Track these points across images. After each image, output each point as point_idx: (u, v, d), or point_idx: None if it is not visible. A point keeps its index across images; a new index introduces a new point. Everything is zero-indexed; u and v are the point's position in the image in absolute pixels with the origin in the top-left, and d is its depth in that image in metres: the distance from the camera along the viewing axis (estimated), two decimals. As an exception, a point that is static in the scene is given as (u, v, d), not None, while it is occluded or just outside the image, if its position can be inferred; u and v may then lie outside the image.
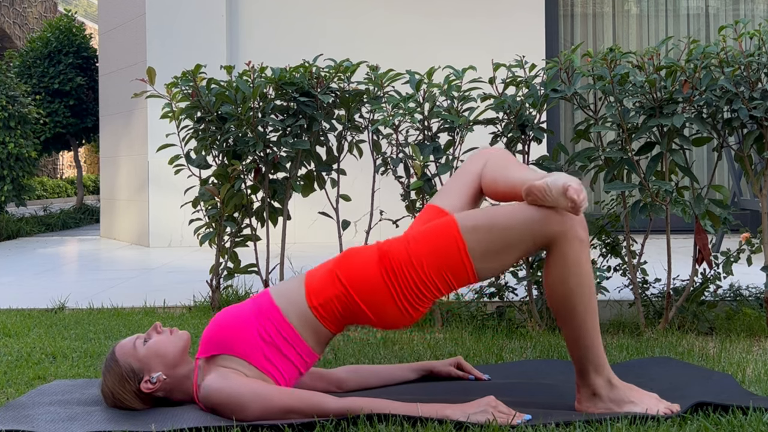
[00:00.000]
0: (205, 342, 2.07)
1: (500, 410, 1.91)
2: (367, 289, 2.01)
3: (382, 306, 2.02)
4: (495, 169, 2.18)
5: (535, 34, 6.64)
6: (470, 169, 2.23)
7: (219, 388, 1.98)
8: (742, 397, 2.07)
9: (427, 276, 2.00)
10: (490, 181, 2.18)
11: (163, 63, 6.13)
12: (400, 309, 2.02)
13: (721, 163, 6.54)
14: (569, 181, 1.91)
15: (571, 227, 1.97)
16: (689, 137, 3.10)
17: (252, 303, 2.10)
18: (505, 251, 1.99)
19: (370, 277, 2.02)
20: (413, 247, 2.01)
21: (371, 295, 2.01)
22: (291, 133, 3.46)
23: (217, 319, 2.09)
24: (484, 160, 2.23)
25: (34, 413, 2.06)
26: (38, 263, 5.69)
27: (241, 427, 1.93)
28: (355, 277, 2.03)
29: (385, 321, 2.04)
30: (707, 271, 3.29)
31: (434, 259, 1.99)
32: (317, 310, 2.04)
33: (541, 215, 1.96)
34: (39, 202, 14.56)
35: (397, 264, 2.01)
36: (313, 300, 2.05)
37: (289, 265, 4.20)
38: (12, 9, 17.26)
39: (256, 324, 2.04)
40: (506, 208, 2.01)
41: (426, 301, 2.03)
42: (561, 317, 2.04)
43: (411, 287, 2.00)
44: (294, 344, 2.05)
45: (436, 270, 1.99)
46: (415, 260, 2.00)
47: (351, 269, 2.04)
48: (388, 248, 2.04)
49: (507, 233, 1.97)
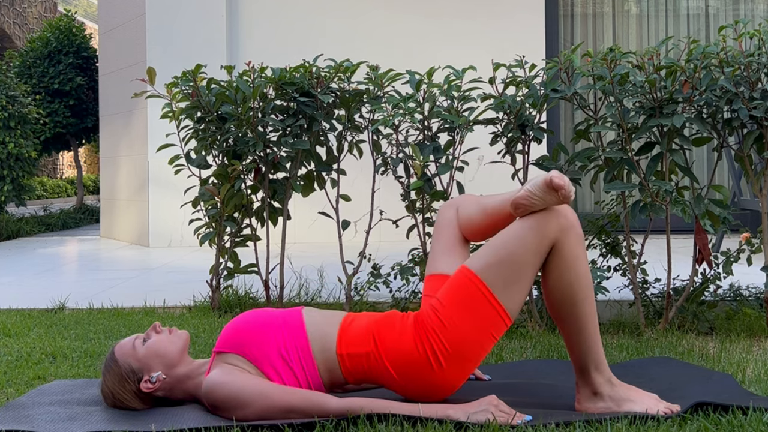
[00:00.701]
0: (224, 337, 2.07)
1: (501, 409, 1.92)
2: (400, 356, 2.00)
3: (414, 374, 2.00)
4: (467, 209, 2.19)
5: (535, 34, 6.64)
6: (446, 223, 2.22)
7: (221, 383, 1.98)
8: (742, 397, 2.07)
9: (464, 334, 1.97)
10: (470, 223, 2.18)
11: (163, 63, 6.13)
12: (437, 374, 1.99)
13: (721, 163, 6.54)
14: (548, 174, 1.94)
15: (568, 221, 1.99)
16: (689, 137, 3.10)
17: (281, 317, 2.09)
18: (521, 274, 1.98)
19: (404, 346, 2.00)
20: (440, 310, 2.00)
21: (402, 363, 2.00)
22: (291, 133, 3.46)
23: (244, 320, 2.09)
24: (454, 209, 2.23)
25: (34, 413, 2.06)
26: (38, 263, 5.69)
27: (241, 427, 1.93)
28: (389, 342, 2.02)
29: (413, 388, 2.02)
30: (707, 271, 3.29)
31: (464, 313, 1.97)
32: (343, 358, 2.04)
33: (536, 222, 1.98)
34: (39, 202, 14.56)
35: (431, 331, 1.99)
36: (343, 348, 2.04)
37: (289, 265, 4.20)
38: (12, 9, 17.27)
39: (280, 339, 2.04)
40: (504, 233, 2.02)
41: (468, 363, 2.00)
42: (560, 315, 2.04)
43: (447, 350, 1.97)
44: (308, 370, 2.04)
45: (469, 325, 1.97)
46: (446, 322, 1.98)
47: (388, 334, 2.03)
48: (422, 316, 2.02)
49: (515, 254, 1.97)
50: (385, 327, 2.04)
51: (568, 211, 2.00)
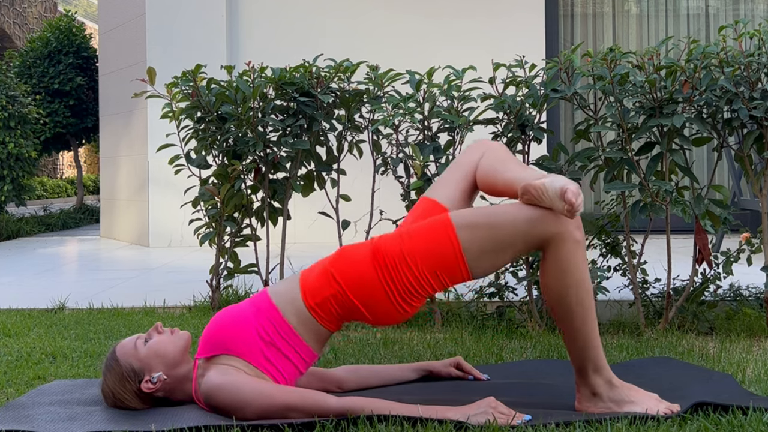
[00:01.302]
0: (205, 342, 2.07)
1: (500, 411, 1.91)
2: (362, 286, 2.01)
3: (376, 303, 2.02)
4: (491, 163, 2.16)
5: (535, 34, 6.64)
6: (466, 160, 2.20)
7: (220, 384, 1.98)
8: (742, 397, 2.07)
9: (420, 273, 1.99)
10: (486, 174, 2.15)
11: (163, 63, 6.13)
12: (394, 305, 2.02)
13: (721, 163, 6.54)
14: (567, 184, 1.90)
15: (566, 229, 1.96)
16: (689, 137, 3.10)
17: (251, 303, 2.10)
18: (499, 251, 1.98)
19: (364, 275, 2.01)
20: (407, 244, 2.01)
21: (366, 293, 2.01)
22: (291, 133, 3.46)
23: (216, 319, 2.09)
24: (481, 152, 2.20)
25: (34, 413, 2.06)
26: (38, 263, 5.69)
27: (241, 427, 1.93)
28: (349, 275, 2.02)
29: (378, 317, 2.04)
30: (707, 271, 3.29)
31: (428, 257, 1.99)
32: (314, 309, 2.04)
33: (536, 215, 1.96)
34: (39, 202, 14.56)
35: (390, 261, 2.00)
36: (310, 300, 2.05)
37: (289, 265, 4.20)
38: (12, 9, 17.26)
39: (255, 324, 2.04)
40: (501, 208, 2.00)
41: (419, 297, 2.03)
42: (559, 317, 2.04)
43: (404, 284, 2.00)
44: (293, 344, 2.05)
45: (429, 268, 1.99)
46: (408, 257, 2.00)
47: (345, 267, 2.04)
48: (382, 245, 2.03)
49: (502, 233, 1.97)
50: (342, 261, 2.05)
51: (568, 221, 1.97)
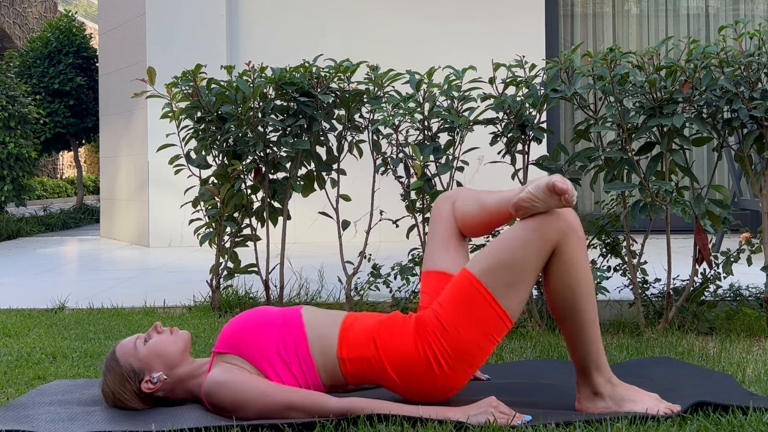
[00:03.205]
0: (223, 338, 2.07)
1: (501, 411, 1.92)
2: (401, 360, 2.00)
3: (415, 377, 2.00)
4: (465, 204, 2.17)
5: (535, 34, 6.64)
6: (441, 215, 2.21)
7: (222, 381, 1.98)
8: (742, 397, 2.07)
9: (464, 337, 1.97)
10: (466, 218, 2.16)
11: (163, 63, 6.13)
12: (439, 377, 1.99)
13: (721, 163, 6.54)
14: (551, 178, 1.92)
15: (570, 224, 1.98)
16: (689, 137, 3.10)
17: (282, 316, 2.08)
18: (522, 276, 1.97)
19: (405, 350, 2.00)
20: (441, 313, 1.99)
21: (403, 366, 2.00)
22: (291, 133, 3.46)
23: (243, 320, 2.09)
24: (451, 201, 2.21)
25: (34, 413, 2.06)
26: (38, 263, 5.69)
27: (241, 427, 1.93)
28: (390, 346, 2.01)
29: (414, 391, 2.02)
30: (707, 271, 3.29)
31: (465, 316, 1.97)
32: (344, 362, 2.03)
33: (539, 224, 1.97)
34: (39, 202, 14.56)
35: (432, 335, 1.99)
36: (344, 352, 2.03)
37: (289, 265, 4.20)
38: (12, 9, 17.26)
39: (278, 340, 2.04)
40: (506, 235, 2.01)
41: (470, 366, 2.00)
42: (561, 316, 2.04)
43: (448, 353, 1.97)
44: (307, 372, 2.04)
45: (470, 328, 1.97)
46: (447, 325, 1.98)
47: (389, 337, 2.02)
48: (423, 320, 2.02)
49: (517, 256, 1.97)
50: (386, 330, 2.04)
51: (570, 214, 1.99)
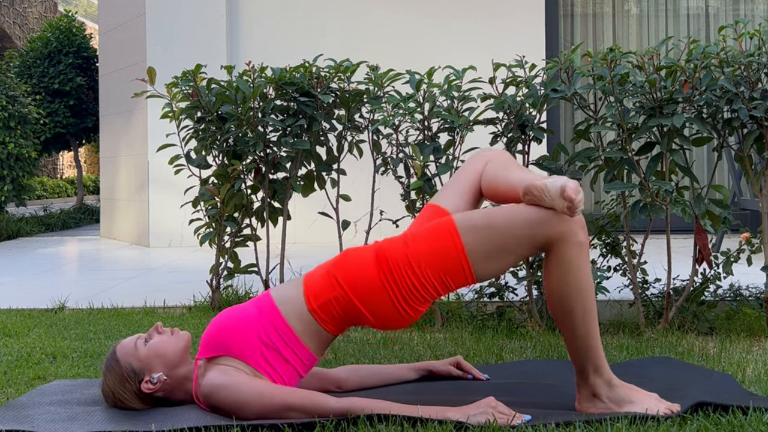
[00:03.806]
0: (205, 343, 2.07)
1: (500, 411, 1.92)
2: (365, 290, 2.01)
3: (380, 307, 2.01)
4: (496, 169, 2.18)
5: (535, 34, 6.64)
6: (471, 168, 2.22)
7: (220, 384, 1.98)
8: (742, 397, 2.07)
9: (425, 277, 1.99)
10: (490, 181, 2.17)
11: (163, 63, 6.13)
12: (398, 310, 2.02)
13: (721, 163, 6.54)
14: (567, 182, 1.92)
15: (570, 229, 1.97)
16: (689, 137, 3.10)
17: (253, 305, 2.10)
18: (503, 253, 1.98)
19: (368, 279, 2.01)
20: (411, 248, 2.01)
21: (369, 297, 2.01)
22: (291, 133, 3.46)
23: (218, 320, 2.09)
24: (486, 160, 2.22)
25: (34, 413, 2.06)
26: (38, 263, 5.69)
27: (241, 427, 1.93)
28: (352, 278, 2.03)
29: (383, 322, 2.04)
30: (707, 271, 3.29)
31: (432, 260, 1.99)
32: (316, 312, 2.04)
33: (540, 217, 1.96)
34: (39, 202, 14.56)
35: (394, 264, 2.00)
36: (312, 303, 2.04)
37: (289, 266, 4.20)
38: (12, 9, 17.26)
39: (258, 326, 2.04)
40: (505, 209, 2.01)
41: (424, 301, 2.02)
42: (561, 319, 2.04)
43: (409, 288, 2.00)
44: (294, 348, 2.05)
45: (433, 271, 1.99)
46: (413, 261, 2.00)
47: (349, 271, 2.04)
48: (385, 249, 2.03)
49: (506, 235, 1.97)
50: (345, 265, 2.05)
51: (574, 220, 1.97)
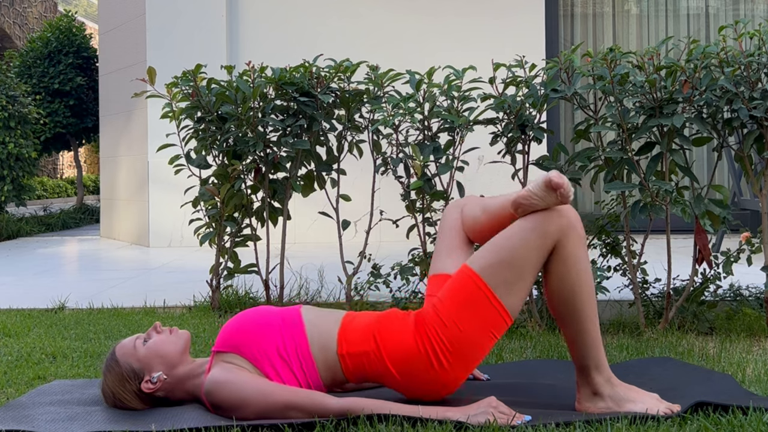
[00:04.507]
0: (223, 337, 2.07)
1: (500, 410, 1.92)
2: (401, 355, 2.00)
3: (415, 373, 2.00)
4: (473, 210, 2.19)
5: (535, 34, 6.64)
6: (450, 224, 2.22)
7: (223, 381, 1.98)
8: (742, 397, 2.07)
9: (464, 333, 1.97)
10: (473, 222, 2.17)
11: (163, 63, 6.13)
12: (438, 372, 1.99)
13: (721, 163, 6.54)
14: (547, 174, 1.94)
15: (570, 222, 1.98)
16: (689, 137, 3.10)
17: (281, 315, 2.09)
18: (522, 274, 1.98)
19: (405, 345, 2.00)
20: (441, 309, 2.00)
21: (403, 361, 2.00)
22: (291, 133, 3.46)
23: (243, 319, 2.09)
24: (459, 209, 2.23)
25: (34, 413, 2.06)
26: (38, 263, 5.69)
27: (241, 427, 1.93)
28: (389, 341, 2.02)
29: (414, 387, 2.02)
30: (707, 271, 3.29)
31: (465, 312, 1.97)
32: (344, 358, 2.04)
33: (539, 220, 1.97)
34: (39, 202, 14.56)
35: (432, 330, 1.99)
36: (344, 348, 2.04)
37: (289, 266, 4.20)
38: (12, 9, 17.26)
39: (278, 339, 2.04)
40: (506, 232, 2.01)
41: (469, 362, 2.00)
42: (561, 315, 2.04)
43: (448, 349, 1.98)
44: (307, 370, 2.04)
45: (470, 324, 1.97)
46: (447, 320, 1.98)
47: (388, 333, 2.03)
48: (423, 314, 2.03)
49: (516, 254, 1.97)
50: (386, 326, 2.04)
51: (570, 212, 2.00)
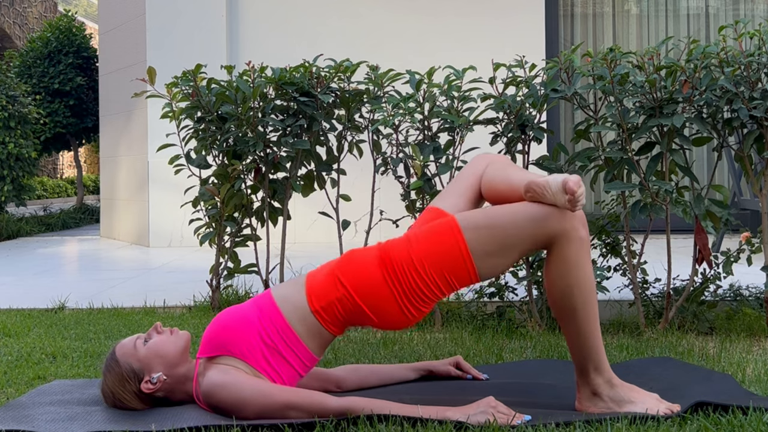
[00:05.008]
0: (206, 342, 2.07)
1: (500, 410, 1.92)
2: (369, 291, 2.01)
3: (384, 307, 2.02)
4: (496, 171, 2.18)
5: (535, 34, 6.64)
6: (471, 171, 2.22)
7: (221, 383, 1.98)
8: (742, 397, 2.07)
9: (428, 276, 1.99)
10: (490, 182, 2.17)
11: (163, 63, 6.13)
12: (402, 310, 2.02)
13: (721, 163, 6.54)
14: (569, 177, 1.93)
15: (572, 226, 1.97)
16: (689, 137, 3.10)
17: (254, 304, 2.09)
18: (506, 250, 1.99)
19: (372, 279, 2.01)
20: (414, 248, 2.01)
21: (373, 297, 2.01)
22: (291, 133, 3.46)
23: (219, 319, 2.09)
24: (486, 162, 2.23)
25: (34, 413, 2.06)
26: (38, 263, 5.69)
27: (241, 427, 1.93)
28: (356, 279, 2.03)
29: (387, 322, 2.04)
30: (707, 271, 3.29)
31: (436, 259, 1.99)
32: (319, 313, 2.04)
33: (542, 213, 1.97)
34: (39, 202, 14.56)
35: (398, 265, 2.00)
36: (315, 303, 2.04)
37: (289, 266, 4.20)
38: (12, 9, 17.26)
39: (258, 326, 2.04)
40: (507, 208, 2.01)
41: (428, 301, 2.02)
42: (562, 316, 2.04)
43: (413, 288, 2.00)
44: (295, 348, 2.04)
45: (437, 270, 1.99)
46: (416, 261, 2.00)
47: (352, 271, 2.04)
48: (389, 250, 2.04)
49: (508, 232, 1.97)
50: (348, 266, 2.05)
51: (575, 216, 1.98)
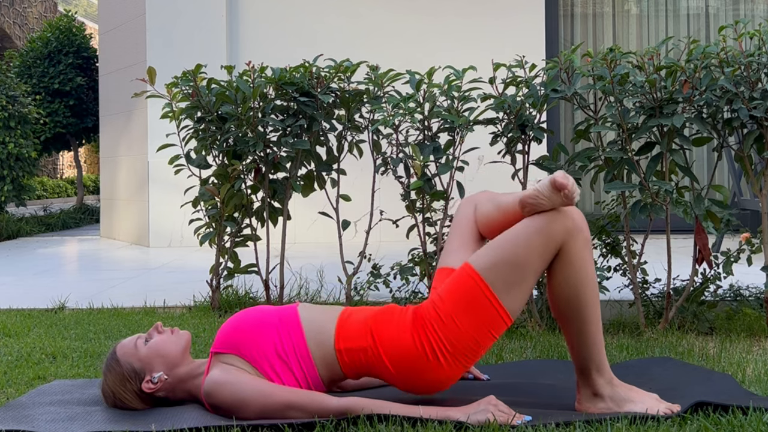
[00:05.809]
0: (221, 337, 2.07)
1: (500, 409, 1.92)
2: (398, 351, 2.00)
3: (411, 369, 1.99)
4: (485, 207, 2.18)
5: (535, 34, 6.64)
6: (464, 218, 2.22)
7: (222, 382, 1.98)
8: (742, 397, 2.07)
9: (462, 331, 1.97)
10: (485, 219, 2.17)
11: (163, 63, 6.13)
12: (435, 368, 1.98)
13: (721, 163, 6.54)
14: (554, 175, 1.94)
15: (576, 225, 1.98)
16: (689, 137, 3.10)
17: (278, 313, 2.09)
18: (523, 272, 1.97)
19: (402, 341, 2.00)
20: (440, 307, 1.99)
21: (400, 357, 2.00)
22: (291, 133, 3.46)
23: (240, 318, 2.09)
24: (473, 204, 2.22)
25: (34, 413, 2.06)
26: (38, 263, 5.69)
27: (241, 427, 1.93)
28: (387, 337, 2.01)
29: (408, 381, 2.02)
30: (707, 271, 3.29)
31: (464, 310, 1.97)
32: (341, 354, 2.03)
33: (544, 221, 1.97)
34: (39, 202, 14.56)
35: (429, 327, 1.98)
36: (341, 343, 2.04)
37: (289, 266, 4.20)
38: (12, 9, 17.26)
39: (276, 337, 2.04)
40: (510, 232, 2.00)
41: (466, 359, 1.99)
42: (564, 316, 2.04)
43: (445, 346, 1.97)
44: (306, 369, 2.04)
45: (468, 322, 1.97)
46: (445, 318, 1.98)
47: (385, 329, 2.02)
48: (421, 310, 2.02)
49: (519, 252, 1.96)
50: (383, 321, 2.04)
51: (576, 214, 1.99)
